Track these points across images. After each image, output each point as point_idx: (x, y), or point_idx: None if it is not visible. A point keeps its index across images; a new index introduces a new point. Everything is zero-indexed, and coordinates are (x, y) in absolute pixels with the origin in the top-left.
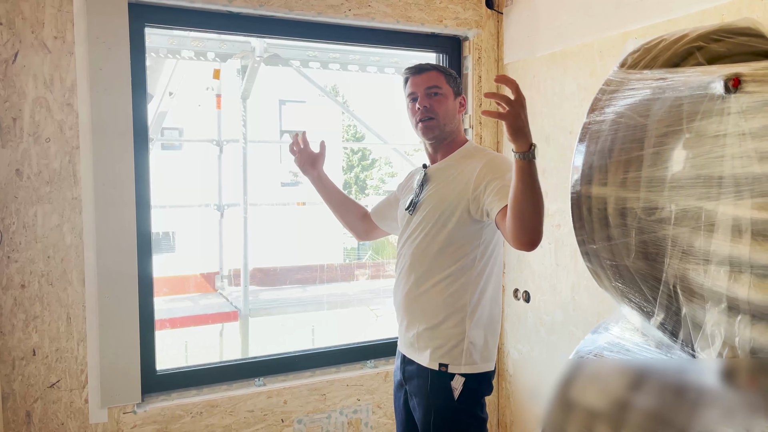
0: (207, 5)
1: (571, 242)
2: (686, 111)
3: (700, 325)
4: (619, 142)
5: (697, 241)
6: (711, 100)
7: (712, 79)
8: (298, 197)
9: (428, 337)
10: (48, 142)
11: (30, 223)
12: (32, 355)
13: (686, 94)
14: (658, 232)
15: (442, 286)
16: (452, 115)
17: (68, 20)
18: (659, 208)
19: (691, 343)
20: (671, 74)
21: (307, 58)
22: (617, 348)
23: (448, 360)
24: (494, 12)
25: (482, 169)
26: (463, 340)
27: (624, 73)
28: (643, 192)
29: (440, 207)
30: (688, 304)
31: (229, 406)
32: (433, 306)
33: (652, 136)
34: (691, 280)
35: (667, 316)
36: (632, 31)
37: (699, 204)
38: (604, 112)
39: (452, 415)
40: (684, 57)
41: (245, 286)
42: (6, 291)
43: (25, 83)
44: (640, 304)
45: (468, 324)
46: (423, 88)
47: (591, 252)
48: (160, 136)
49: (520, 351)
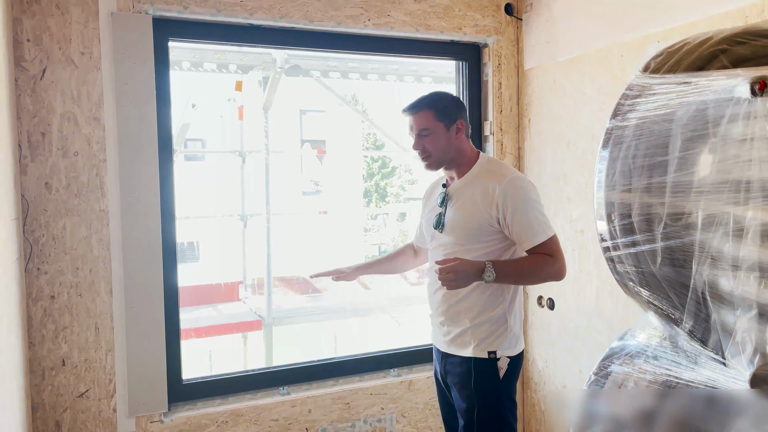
0: (229, 18)
1: (594, 248)
2: (712, 115)
3: (730, 332)
4: (643, 147)
5: (725, 246)
6: (737, 103)
7: (738, 83)
8: (319, 206)
9: (474, 332)
10: (76, 156)
11: (59, 235)
12: (62, 365)
13: (711, 98)
14: (684, 238)
15: (481, 289)
16: (447, 147)
17: (94, 36)
18: (685, 213)
19: (721, 351)
20: (696, 78)
21: (327, 69)
22: (645, 356)
23: (495, 347)
24: (513, 18)
25: (501, 192)
26: (507, 330)
27: (647, 77)
28: (669, 197)
29: (468, 226)
30: (718, 311)
31: (254, 415)
32: (477, 306)
33: (677, 140)
34: (721, 286)
35: (696, 323)
36: (652, 35)
37: (727, 209)
38: (627, 117)
39: (495, 398)
40: (708, 60)
41: (269, 295)
42: (36, 302)
43: (53, 98)
44: (667, 311)
45: (509, 316)
46: (415, 132)
47: (615, 258)
48: (183, 148)
49: (545, 359)
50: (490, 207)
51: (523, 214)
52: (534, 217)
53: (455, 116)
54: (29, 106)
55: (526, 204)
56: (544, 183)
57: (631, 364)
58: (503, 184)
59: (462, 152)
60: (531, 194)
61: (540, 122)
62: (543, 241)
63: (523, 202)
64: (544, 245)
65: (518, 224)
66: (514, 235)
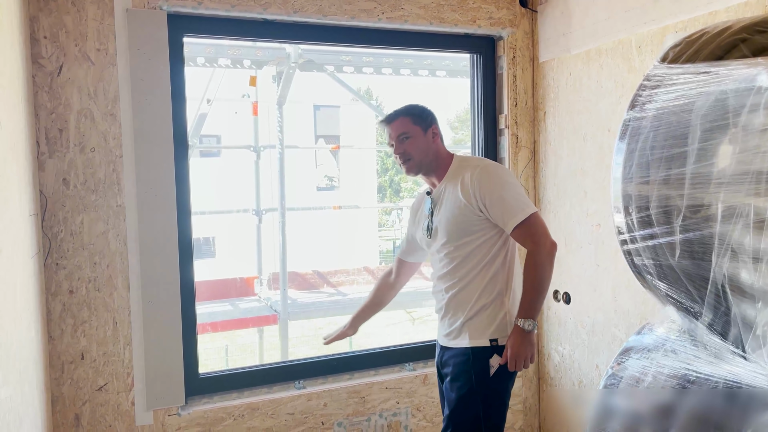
0: (242, 13)
1: (611, 242)
2: (732, 105)
3: (750, 325)
4: (661, 138)
5: (746, 238)
6: (758, 93)
7: (759, 72)
8: (334, 201)
9: (475, 321)
10: (93, 152)
11: (77, 231)
12: (81, 359)
13: (731, 88)
14: (704, 230)
15: (478, 279)
16: (426, 150)
17: (110, 33)
18: (705, 205)
19: (741, 344)
20: (715, 67)
21: (341, 63)
22: (663, 350)
23: (497, 335)
24: (528, 10)
25: (475, 179)
26: (505, 315)
27: (665, 67)
28: (688, 189)
29: (454, 224)
30: (738, 304)
31: (270, 408)
32: (475, 296)
33: (696, 131)
34: (741, 279)
35: (716, 316)
36: (671, 25)
37: (747, 200)
38: (645, 108)
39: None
40: (728, 50)
41: (284, 290)
42: (55, 297)
43: (70, 95)
44: (686, 305)
45: (507, 301)
46: (395, 136)
47: (633, 251)
48: (199, 144)
49: (561, 353)
50: (469, 197)
51: (499, 197)
52: (511, 197)
53: (430, 121)
54: (47, 102)
55: (501, 186)
56: (561, 177)
57: (648, 358)
58: (476, 172)
59: (439, 156)
60: (504, 176)
61: (556, 115)
62: (523, 219)
63: (498, 184)
64: (526, 224)
65: (496, 207)
66: (497, 219)
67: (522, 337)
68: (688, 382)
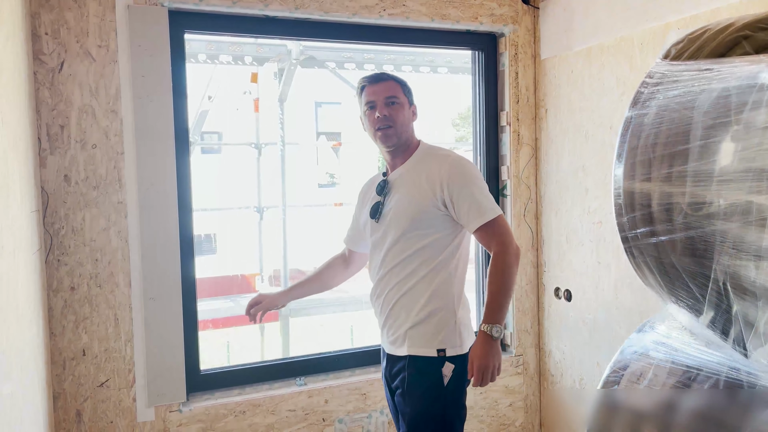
0: (244, 10)
1: (613, 239)
2: (734, 102)
3: (752, 324)
4: (663, 135)
5: (748, 236)
6: (760, 90)
7: (761, 69)
8: (335, 198)
9: (421, 330)
10: (94, 149)
11: (78, 228)
12: (82, 356)
13: (734, 85)
14: (705, 228)
15: (426, 282)
16: (408, 124)
17: (111, 29)
18: (707, 202)
19: (742, 342)
20: (718, 65)
21: (343, 60)
22: (664, 347)
23: (445, 345)
24: (530, 7)
25: (447, 171)
26: (456, 323)
27: (667, 64)
28: (690, 186)
29: (410, 211)
30: (740, 302)
31: (271, 405)
32: (422, 301)
33: (698, 128)
34: (743, 276)
35: (717, 314)
36: (673, 23)
37: (749, 198)
38: (647, 106)
39: (440, 406)
40: (730, 47)
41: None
42: (56, 293)
43: (71, 91)
44: (687, 302)
45: (457, 308)
46: (382, 98)
47: (635, 249)
48: (200, 140)
49: (562, 351)
50: (435, 188)
51: (469, 193)
52: (481, 195)
53: (412, 99)
54: (48, 99)
55: (472, 182)
56: (562, 174)
57: (650, 356)
58: (448, 163)
59: (412, 136)
60: (475, 173)
61: (557, 113)
62: (490, 219)
63: (469, 180)
64: (493, 224)
65: (464, 202)
66: (461, 215)
67: (489, 346)
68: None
